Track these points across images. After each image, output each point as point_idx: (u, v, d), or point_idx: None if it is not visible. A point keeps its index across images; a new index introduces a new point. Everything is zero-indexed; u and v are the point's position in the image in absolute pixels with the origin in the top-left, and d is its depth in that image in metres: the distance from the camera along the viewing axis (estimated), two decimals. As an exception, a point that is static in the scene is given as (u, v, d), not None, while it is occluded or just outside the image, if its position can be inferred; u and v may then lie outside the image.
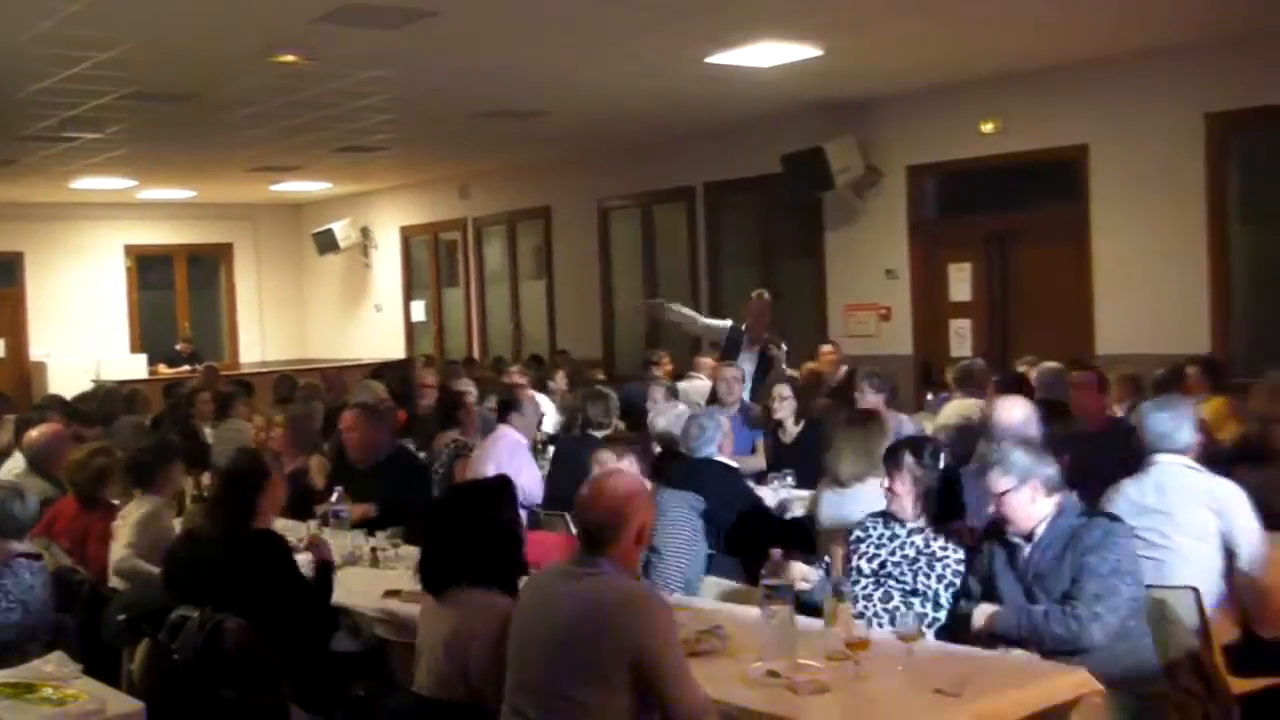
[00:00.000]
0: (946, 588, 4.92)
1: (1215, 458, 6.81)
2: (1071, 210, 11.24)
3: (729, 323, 11.33)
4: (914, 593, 4.93)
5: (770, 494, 7.50)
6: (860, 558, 5.09)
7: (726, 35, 9.54)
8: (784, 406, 8.52)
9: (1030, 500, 4.66)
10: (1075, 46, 10.36)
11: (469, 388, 10.17)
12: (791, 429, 8.51)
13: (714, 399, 9.60)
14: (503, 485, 4.55)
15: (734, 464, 7.02)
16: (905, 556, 5.01)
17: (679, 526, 5.62)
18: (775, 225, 14.26)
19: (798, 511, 7.09)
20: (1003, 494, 4.69)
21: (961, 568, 4.95)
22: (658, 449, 7.97)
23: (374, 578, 5.93)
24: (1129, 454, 5.64)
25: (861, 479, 6.10)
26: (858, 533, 5.22)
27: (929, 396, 10.64)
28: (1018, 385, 7.81)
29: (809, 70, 10.73)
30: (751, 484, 7.42)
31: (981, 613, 4.64)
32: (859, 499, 5.96)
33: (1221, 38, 9.94)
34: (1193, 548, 5.12)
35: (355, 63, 10.02)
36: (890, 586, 4.94)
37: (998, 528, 4.84)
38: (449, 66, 10.35)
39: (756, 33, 9.51)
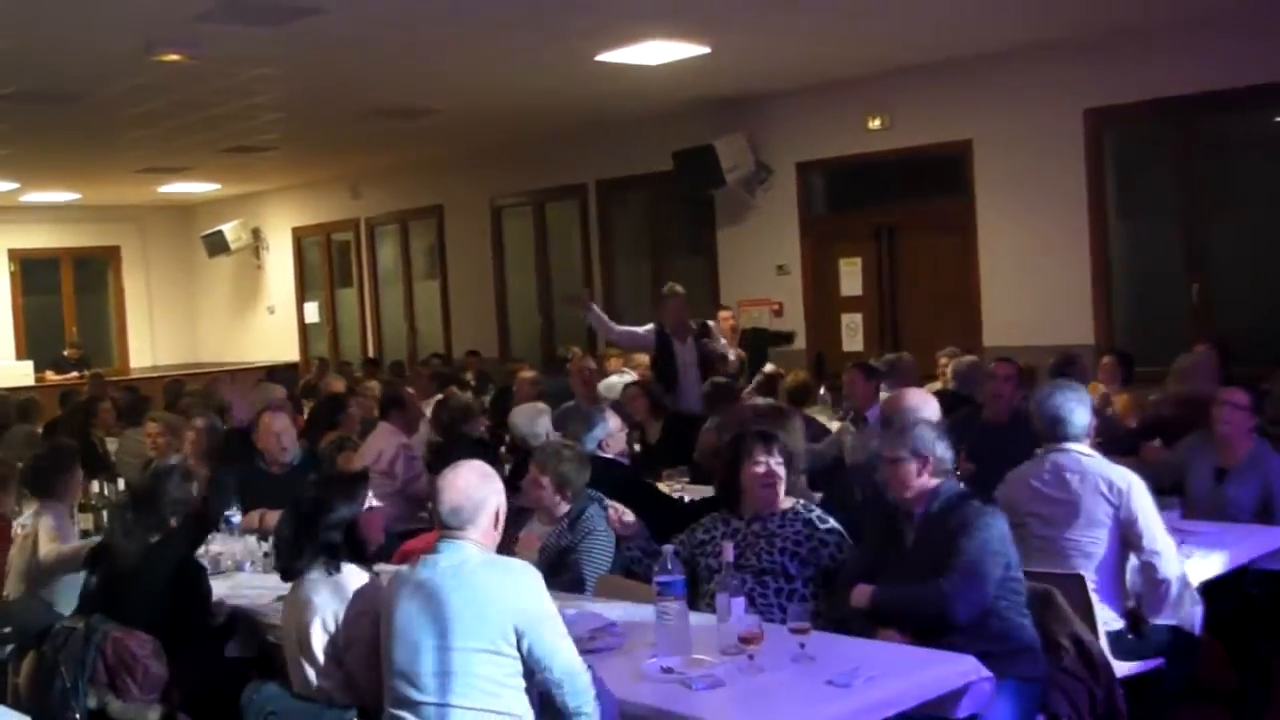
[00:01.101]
0: (791, 558, 4.95)
1: (1121, 441, 7.00)
2: (958, 205, 11.43)
3: (650, 327, 10.48)
4: (763, 572, 4.95)
5: (666, 489, 7.50)
6: (709, 557, 5.09)
7: (615, 33, 9.57)
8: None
9: (916, 474, 4.73)
10: (959, 43, 10.53)
11: (367, 390, 10.29)
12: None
13: None
14: (360, 476, 4.76)
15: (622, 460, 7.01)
16: (749, 544, 5.04)
17: (597, 535, 5.57)
18: (667, 222, 14.34)
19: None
20: (893, 460, 4.77)
21: (808, 533, 5.00)
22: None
23: (267, 582, 5.86)
24: (1025, 443, 5.72)
25: None
26: (700, 535, 5.21)
27: (821, 391, 10.74)
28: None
29: (698, 68, 10.80)
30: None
31: (861, 592, 4.67)
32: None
33: (1099, 34, 10.15)
34: (1086, 535, 5.17)
35: (240, 61, 9.91)
36: (743, 573, 4.93)
37: (880, 508, 4.94)
38: (336, 64, 10.28)
39: (645, 31, 9.55)
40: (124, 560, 5.33)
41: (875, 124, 11.91)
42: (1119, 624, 5.18)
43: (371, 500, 4.54)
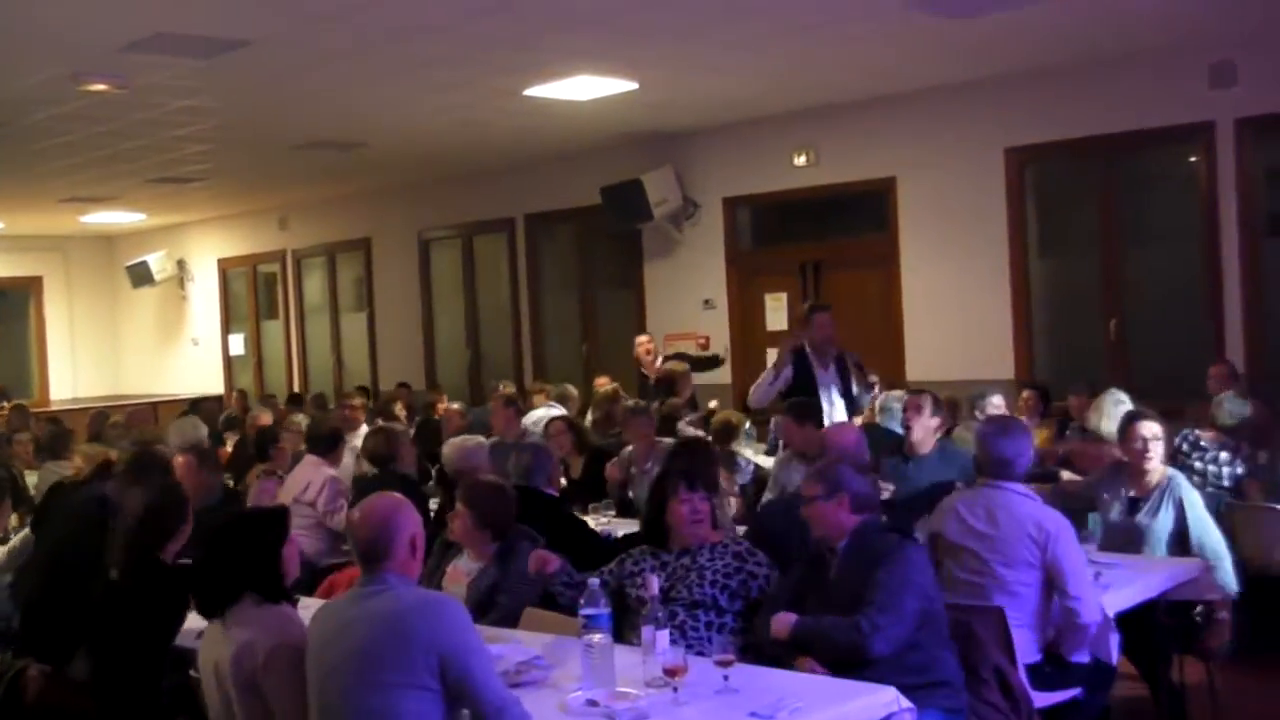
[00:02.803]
0: (722, 590, 4.98)
1: (1040, 475, 7.13)
2: (881, 240, 11.59)
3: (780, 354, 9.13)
4: (695, 604, 4.98)
5: (591, 522, 7.54)
6: (638, 589, 5.07)
7: (543, 68, 9.63)
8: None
9: (834, 511, 4.78)
10: (883, 81, 10.70)
11: (295, 424, 10.22)
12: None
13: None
14: (279, 510, 4.72)
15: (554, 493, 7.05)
16: (678, 577, 5.06)
17: (523, 570, 5.57)
18: (595, 256, 14.40)
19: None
20: (812, 499, 4.83)
21: (737, 565, 5.04)
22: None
23: (193, 618, 5.82)
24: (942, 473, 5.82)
25: None
26: (629, 566, 5.23)
27: (747, 425, 10.81)
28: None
29: (626, 103, 10.89)
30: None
31: (781, 621, 4.70)
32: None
33: (1020, 74, 10.36)
34: (1012, 574, 5.21)
35: (169, 92, 9.87)
36: (674, 606, 4.96)
37: (805, 539, 4.99)
38: (265, 97, 10.27)
39: (573, 66, 9.62)
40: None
41: (801, 160, 12.05)
42: (1037, 657, 5.26)
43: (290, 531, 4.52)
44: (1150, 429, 6.30)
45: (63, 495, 6.93)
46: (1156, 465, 6.29)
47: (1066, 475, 7.39)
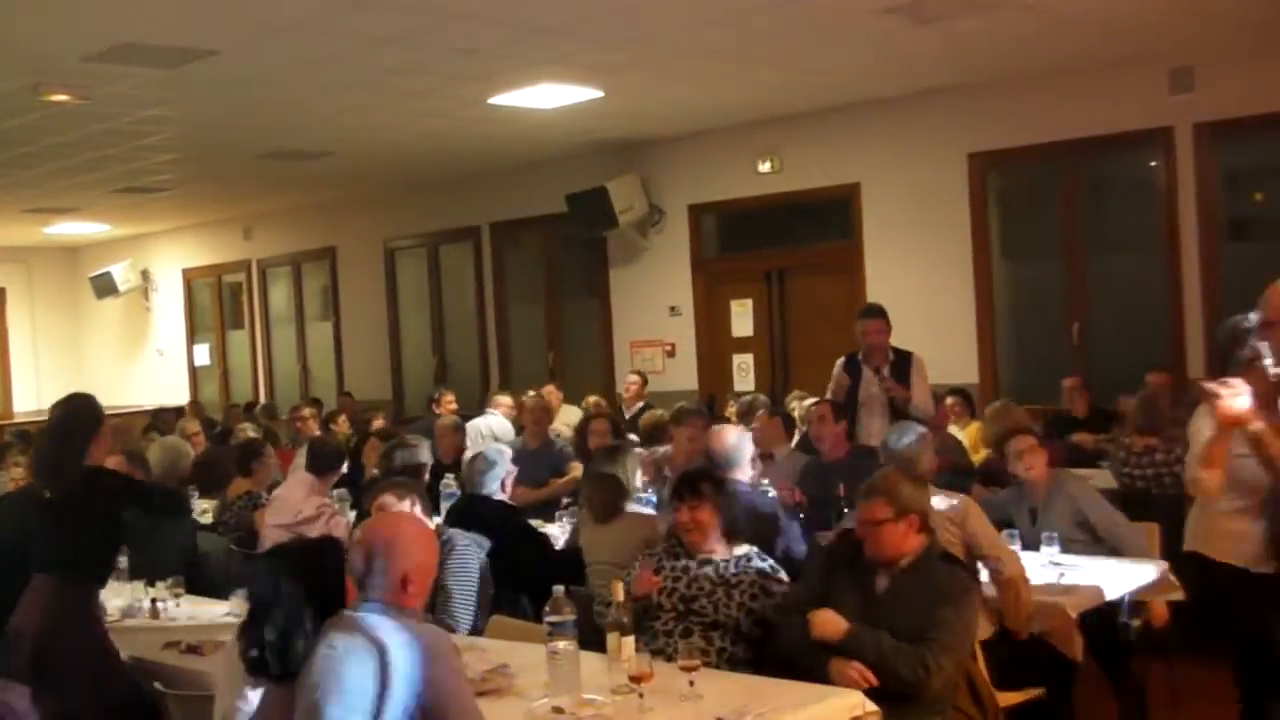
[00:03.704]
0: (747, 615, 4.94)
1: (961, 479, 7.23)
2: (846, 246, 11.64)
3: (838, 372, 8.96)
4: (714, 625, 4.93)
5: (557, 530, 7.56)
6: (662, 593, 5.04)
7: (508, 76, 9.64)
8: (600, 442, 8.58)
9: (906, 535, 4.63)
10: (847, 89, 10.75)
11: (255, 433, 10.08)
12: None
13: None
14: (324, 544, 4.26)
15: (509, 501, 7.03)
16: (701, 589, 5.01)
17: (467, 568, 5.61)
18: (561, 263, 14.41)
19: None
20: (881, 523, 4.62)
21: (762, 583, 4.99)
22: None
23: (153, 629, 5.81)
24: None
25: (615, 511, 6.22)
26: (653, 563, 5.18)
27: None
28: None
29: (591, 111, 10.91)
30: (538, 520, 7.49)
31: (830, 623, 4.55)
32: (615, 531, 6.10)
33: (982, 80, 10.43)
34: None
35: (132, 102, 9.84)
36: (691, 622, 4.94)
37: (849, 546, 4.82)
38: (230, 107, 10.24)
39: (538, 74, 9.63)
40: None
41: (765, 167, 12.10)
42: (990, 631, 5.33)
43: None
44: (1023, 442, 6.53)
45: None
46: (1039, 474, 6.47)
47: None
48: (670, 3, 7.91)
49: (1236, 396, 4.60)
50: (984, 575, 5.47)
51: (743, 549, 5.15)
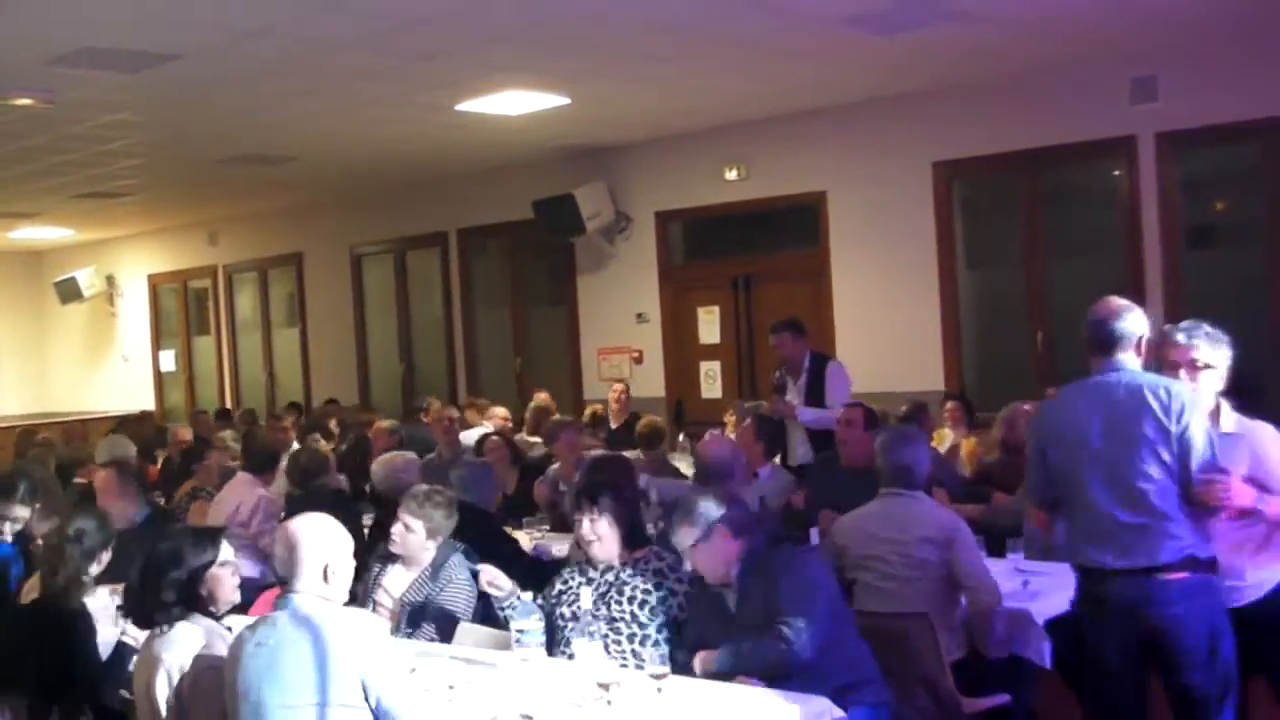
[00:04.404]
0: (641, 606, 4.98)
1: (956, 488, 7.26)
2: (812, 254, 11.67)
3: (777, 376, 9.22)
4: (614, 619, 4.99)
5: (525, 538, 7.57)
6: (566, 606, 5.10)
7: (474, 83, 9.64)
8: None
9: (721, 547, 4.74)
10: (813, 96, 10.79)
11: (225, 441, 10.15)
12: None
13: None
14: (215, 530, 4.69)
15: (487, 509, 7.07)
16: (602, 593, 5.07)
17: (459, 585, 5.60)
18: (528, 270, 14.40)
19: (558, 553, 7.14)
20: (694, 546, 4.75)
21: (657, 581, 5.04)
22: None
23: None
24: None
25: None
26: (558, 585, 5.24)
27: (680, 437, 10.89)
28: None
29: (558, 118, 10.91)
30: (509, 529, 7.50)
31: (700, 660, 4.67)
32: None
33: (947, 89, 10.49)
34: (918, 577, 5.41)
35: (96, 106, 9.80)
36: (598, 621, 4.97)
37: (698, 581, 4.92)
38: (195, 111, 10.20)
39: (504, 81, 9.64)
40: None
41: (732, 174, 12.12)
42: (960, 653, 5.39)
43: (228, 555, 4.48)
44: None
45: None
46: None
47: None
48: (636, 10, 7.93)
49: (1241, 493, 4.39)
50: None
51: (642, 551, 5.20)
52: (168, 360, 19.08)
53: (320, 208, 15.99)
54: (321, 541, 4.07)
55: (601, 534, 5.13)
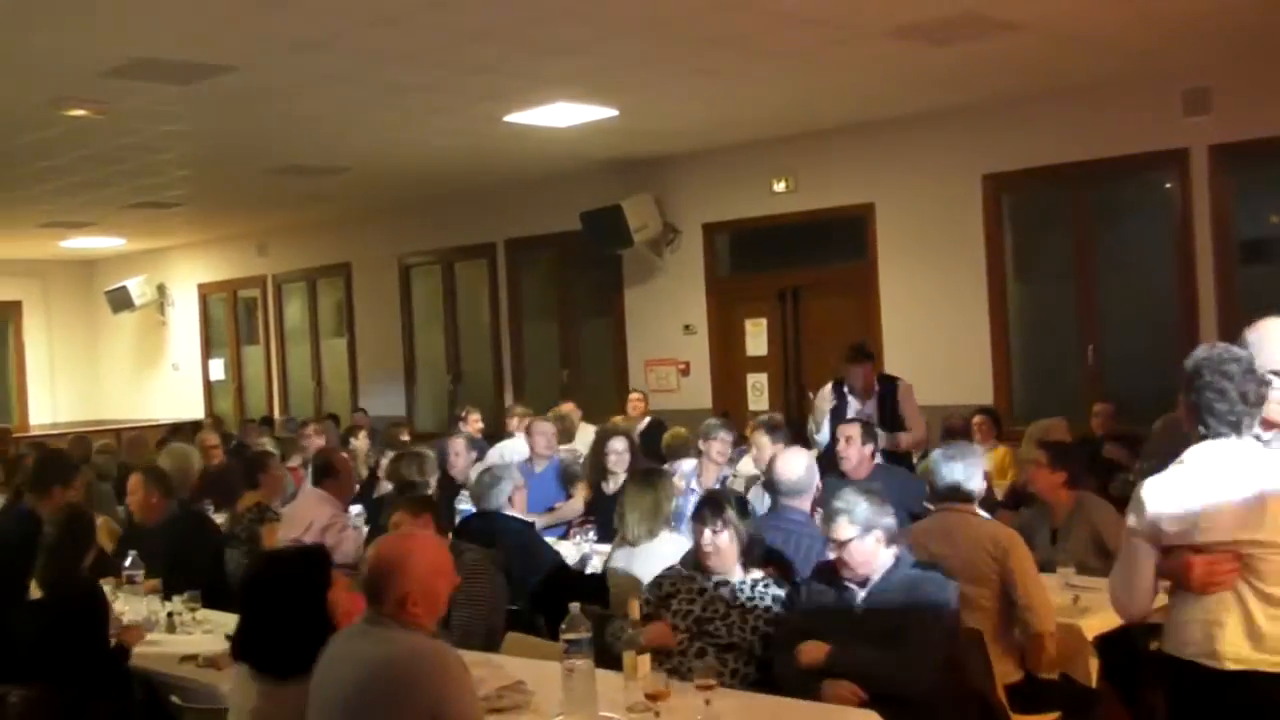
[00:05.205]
0: (761, 639, 4.92)
1: (989, 503, 7.21)
2: (859, 266, 11.65)
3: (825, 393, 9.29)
4: (730, 647, 4.91)
5: (572, 548, 7.56)
6: (675, 615, 5.04)
7: (523, 95, 9.68)
8: (619, 461, 8.54)
9: (874, 549, 4.74)
10: (862, 109, 10.77)
11: (272, 448, 10.06)
12: (621, 479, 8.46)
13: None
14: (318, 555, 4.41)
15: (529, 519, 7.06)
16: (716, 611, 5.00)
17: (478, 582, 5.61)
18: (575, 281, 14.42)
19: (598, 565, 7.12)
20: (846, 541, 4.74)
21: (777, 607, 4.98)
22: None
23: (171, 643, 5.83)
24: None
25: (651, 535, 6.16)
26: (667, 587, 5.17)
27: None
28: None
29: (606, 130, 10.94)
30: (554, 538, 7.49)
31: (809, 647, 4.63)
32: (649, 556, 6.04)
33: (997, 102, 10.44)
34: (974, 592, 5.32)
35: (149, 117, 9.89)
36: (706, 642, 4.91)
37: (827, 570, 4.91)
38: (246, 122, 10.29)
39: (553, 93, 9.67)
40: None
41: (780, 187, 12.11)
42: (1017, 675, 5.31)
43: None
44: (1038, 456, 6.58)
45: None
46: (1042, 490, 6.54)
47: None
48: (685, 23, 7.94)
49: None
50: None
51: (757, 573, 5.14)
52: (217, 369, 19.23)
53: (369, 218, 16.07)
54: (407, 570, 3.85)
55: (722, 546, 5.09)
